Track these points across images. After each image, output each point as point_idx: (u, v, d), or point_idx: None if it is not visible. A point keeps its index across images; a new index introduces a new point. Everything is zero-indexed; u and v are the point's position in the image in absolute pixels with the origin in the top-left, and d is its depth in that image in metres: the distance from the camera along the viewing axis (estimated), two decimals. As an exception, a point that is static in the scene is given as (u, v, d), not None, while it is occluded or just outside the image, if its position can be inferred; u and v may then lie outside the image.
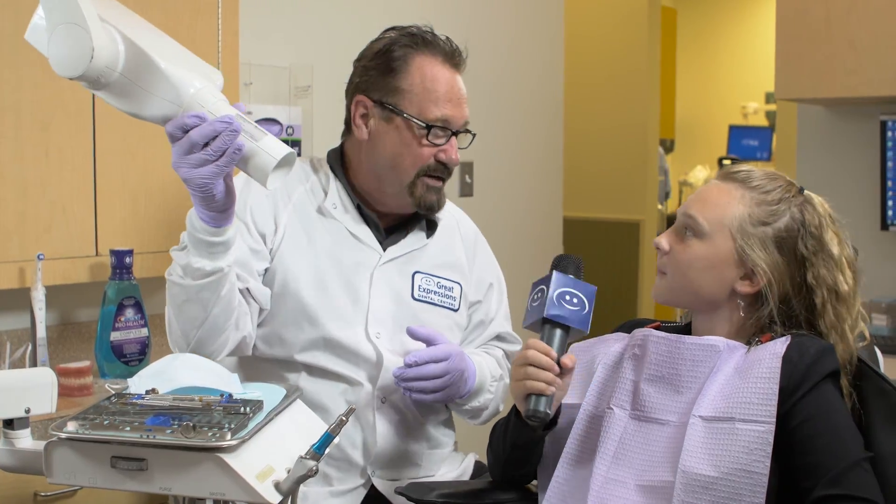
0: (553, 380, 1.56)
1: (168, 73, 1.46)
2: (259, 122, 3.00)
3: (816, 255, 1.62)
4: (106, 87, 1.45)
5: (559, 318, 1.58)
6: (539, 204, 4.12)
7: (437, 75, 1.93)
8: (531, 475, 1.77)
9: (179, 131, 1.47)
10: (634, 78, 5.79)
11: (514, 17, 3.96)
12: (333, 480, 1.93)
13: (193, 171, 1.49)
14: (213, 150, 1.46)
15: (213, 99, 1.49)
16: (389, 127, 1.93)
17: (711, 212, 1.64)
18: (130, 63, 1.44)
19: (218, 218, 1.59)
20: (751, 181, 1.66)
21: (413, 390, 1.87)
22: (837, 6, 3.10)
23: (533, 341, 1.60)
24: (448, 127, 1.93)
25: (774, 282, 1.61)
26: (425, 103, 1.92)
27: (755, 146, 8.69)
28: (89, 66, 1.39)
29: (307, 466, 1.25)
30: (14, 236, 2.28)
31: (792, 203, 1.64)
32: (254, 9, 2.92)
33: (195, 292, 1.68)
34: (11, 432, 1.47)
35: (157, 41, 1.52)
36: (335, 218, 1.97)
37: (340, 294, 1.93)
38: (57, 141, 2.33)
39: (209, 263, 1.64)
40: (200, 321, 1.72)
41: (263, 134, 1.50)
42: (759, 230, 1.62)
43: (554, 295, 1.59)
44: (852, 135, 3.45)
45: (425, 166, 1.93)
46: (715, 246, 1.63)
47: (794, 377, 1.51)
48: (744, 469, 1.46)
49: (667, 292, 1.69)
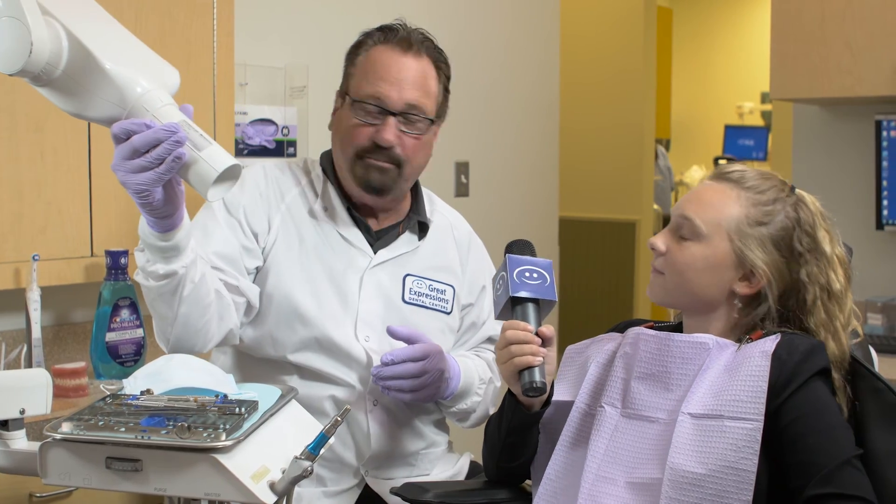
0: (537, 350, 1.60)
1: (113, 74, 1.40)
2: (254, 122, 3.01)
3: (810, 253, 1.63)
4: (48, 85, 1.41)
5: (526, 293, 1.63)
6: (535, 204, 4.12)
7: (381, 57, 1.93)
8: (525, 471, 1.77)
9: (124, 134, 1.43)
10: (630, 78, 5.79)
11: (509, 17, 3.96)
12: (327, 481, 1.93)
13: (130, 177, 1.45)
14: (153, 158, 1.42)
15: (160, 103, 1.44)
16: (340, 111, 1.97)
17: (708, 213, 1.64)
18: (74, 61, 1.39)
19: (161, 223, 1.57)
20: (745, 181, 1.66)
21: (390, 389, 1.87)
22: (832, 6, 3.11)
23: (508, 323, 1.64)
24: (380, 105, 1.90)
25: (774, 280, 1.62)
26: (359, 81, 1.93)
27: (751, 146, 8.71)
28: (27, 61, 1.34)
29: (302, 467, 1.25)
30: (9, 237, 2.28)
31: (786, 202, 1.65)
32: (249, 9, 2.92)
33: (157, 292, 1.68)
34: (6, 433, 1.47)
35: (106, 37, 1.45)
36: (326, 220, 1.97)
37: (331, 297, 1.93)
38: (52, 142, 2.33)
39: (163, 266, 1.64)
40: (171, 319, 1.72)
41: (209, 143, 1.44)
42: (756, 230, 1.62)
43: (514, 275, 1.64)
44: (848, 135, 3.45)
45: (360, 147, 1.91)
46: (713, 247, 1.63)
47: (784, 374, 1.52)
48: (731, 466, 1.47)
49: (663, 293, 1.69)
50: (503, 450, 1.75)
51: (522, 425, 1.71)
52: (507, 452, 1.75)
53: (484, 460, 1.84)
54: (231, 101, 2.66)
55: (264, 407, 1.34)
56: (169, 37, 2.50)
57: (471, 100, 3.75)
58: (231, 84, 2.66)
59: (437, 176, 3.59)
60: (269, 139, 3.03)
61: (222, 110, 2.62)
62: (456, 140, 3.68)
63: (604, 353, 1.72)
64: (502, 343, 1.62)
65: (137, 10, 2.44)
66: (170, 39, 2.50)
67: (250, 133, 2.98)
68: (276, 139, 3.05)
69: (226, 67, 2.63)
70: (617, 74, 5.83)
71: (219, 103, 2.61)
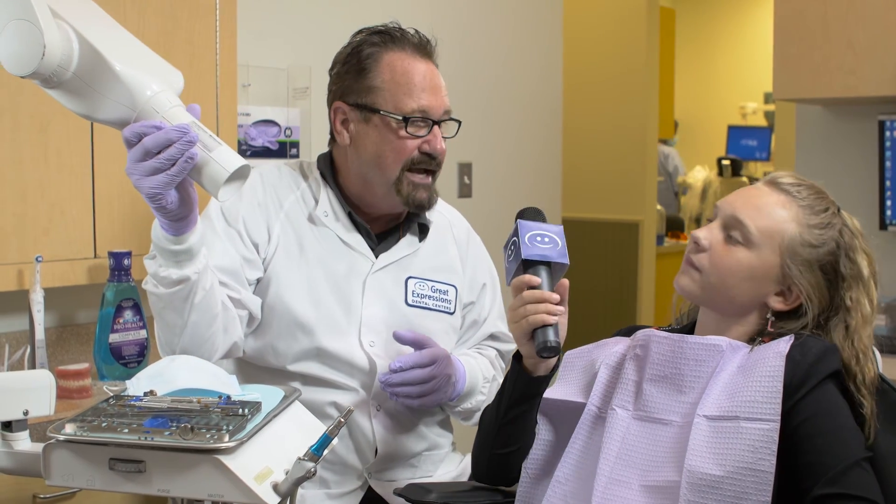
0: (553, 309, 1.59)
1: (123, 76, 1.41)
2: (257, 123, 3.01)
3: (854, 279, 1.63)
4: (59, 87, 1.42)
5: (538, 256, 1.63)
6: (538, 204, 4.03)
7: (408, 68, 1.91)
8: (516, 467, 1.73)
9: (135, 137, 1.44)
10: (633, 78, 5.79)
11: (512, 18, 3.96)
12: (330, 483, 1.93)
13: (144, 180, 1.46)
14: (166, 159, 1.43)
15: (169, 105, 1.45)
16: (369, 127, 1.92)
17: (763, 221, 1.62)
18: (84, 63, 1.40)
19: (175, 226, 1.57)
20: (801, 197, 1.64)
21: (399, 395, 1.87)
22: (835, 6, 3.11)
23: (520, 279, 1.62)
24: (427, 117, 1.91)
25: (814, 299, 1.62)
26: (399, 97, 1.90)
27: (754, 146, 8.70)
28: (40, 64, 1.36)
29: (305, 468, 1.25)
30: (12, 238, 2.28)
31: (835, 227, 1.64)
32: (252, 10, 2.92)
33: (168, 300, 1.67)
34: (10, 434, 1.47)
35: (115, 40, 1.47)
36: (326, 226, 1.96)
37: (333, 303, 1.92)
38: (55, 143, 2.33)
39: (176, 272, 1.63)
40: (180, 328, 1.71)
41: (218, 144, 1.46)
42: (806, 251, 1.61)
43: (525, 238, 1.64)
44: (851, 135, 3.45)
45: (409, 160, 1.91)
46: (761, 258, 1.62)
47: (797, 376, 1.51)
48: (749, 468, 1.46)
49: (697, 289, 1.66)
50: (499, 431, 1.72)
51: (524, 396, 1.69)
52: (503, 435, 1.72)
53: (474, 456, 1.80)
54: (234, 102, 2.67)
55: (267, 408, 1.34)
56: (172, 38, 2.51)
57: (474, 100, 3.75)
58: (234, 85, 2.66)
59: (440, 177, 3.59)
60: (272, 140, 3.03)
61: (225, 111, 2.62)
62: (459, 141, 3.65)
63: (613, 355, 1.71)
64: (517, 302, 1.61)
65: (140, 11, 2.44)
66: (173, 40, 2.50)
67: (253, 134, 2.99)
68: (279, 140, 3.05)
69: (229, 68, 2.63)
70: (620, 75, 5.82)
71: (222, 104, 2.61)
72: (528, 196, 4.05)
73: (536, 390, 1.69)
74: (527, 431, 1.72)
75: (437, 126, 1.93)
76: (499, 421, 1.72)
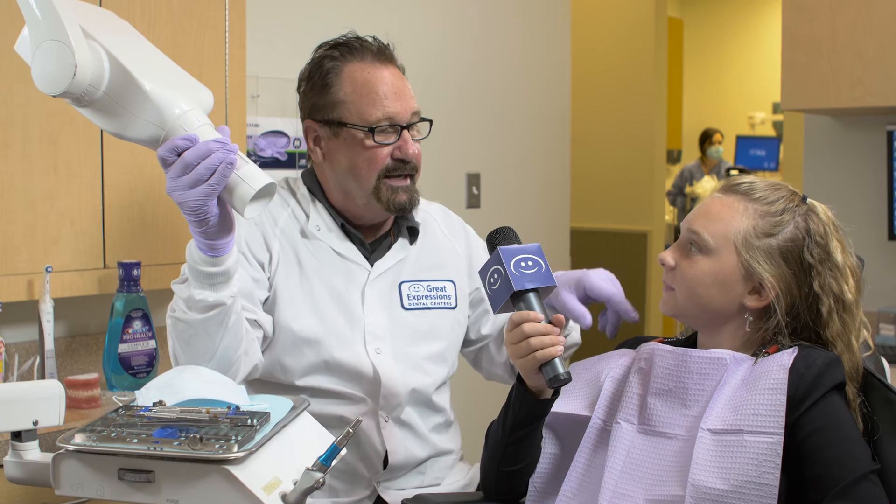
0: (557, 340, 1.58)
1: (152, 95, 1.44)
2: (266, 134, 3.02)
3: (822, 264, 1.61)
4: (90, 105, 1.44)
5: (530, 284, 1.60)
6: (546, 215, 4.12)
7: (369, 77, 1.92)
8: (524, 481, 1.73)
9: (172, 154, 1.46)
10: (641, 89, 5.80)
11: (521, 28, 3.97)
12: (339, 492, 1.93)
13: (187, 194, 1.47)
14: (205, 168, 1.44)
15: (198, 123, 1.47)
16: (339, 141, 1.93)
17: (715, 226, 1.63)
18: (115, 82, 1.43)
19: (215, 246, 1.58)
20: (753, 193, 1.65)
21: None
22: (843, 17, 3.10)
23: (519, 315, 1.60)
24: (394, 123, 1.92)
25: (782, 294, 1.61)
26: (363, 107, 1.91)
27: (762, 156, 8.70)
28: (71, 83, 1.38)
29: (314, 478, 1.25)
30: (22, 249, 2.29)
31: (796, 213, 1.64)
32: (261, 21, 2.93)
33: (201, 326, 1.65)
34: (19, 444, 1.47)
35: (145, 59, 1.50)
36: (320, 239, 1.96)
37: (337, 315, 1.93)
38: (65, 154, 2.34)
39: (211, 295, 1.62)
40: (210, 354, 1.69)
41: (245, 162, 1.48)
42: (763, 242, 1.61)
43: (511, 267, 1.60)
44: (859, 145, 3.44)
45: (384, 168, 1.92)
46: (721, 261, 1.62)
47: (801, 388, 1.51)
48: (754, 481, 1.45)
49: (675, 308, 1.68)
50: (505, 451, 1.72)
51: (530, 417, 1.68)
52: (509, 454, 1.72)
53: (482, 470, 1.80)
54: (243, 113, 2.67)
55: (276, 418, 1.34)
56: (181, 49, 2.52)
57: (482, 111, 3.76)
58: (243, 96, 2.67)
59: (448, 187, 3.60)
60: (281, 151, 3.04)
61: (234, 122, 2.63)
62: (467, 151, 3.68)
63: (618, 367, 1.71)
64: (518, 337, 1.59)
65: (150, 22, 2.46)
66: (182, 52, 2.51)
67: (262, 145, 3.00)
68: (288, 151, 3.06)
69: (238, 79, 2.64)
70: (628, 86, 5.83)
71: (231, 115, 2.62)
72: (537, 206, 4.05)
73: (542, 411, 1.69)
74: (533, 448, 1.72)
75: (406, 130, 1.93)
76: (504, 440, 1.71)
